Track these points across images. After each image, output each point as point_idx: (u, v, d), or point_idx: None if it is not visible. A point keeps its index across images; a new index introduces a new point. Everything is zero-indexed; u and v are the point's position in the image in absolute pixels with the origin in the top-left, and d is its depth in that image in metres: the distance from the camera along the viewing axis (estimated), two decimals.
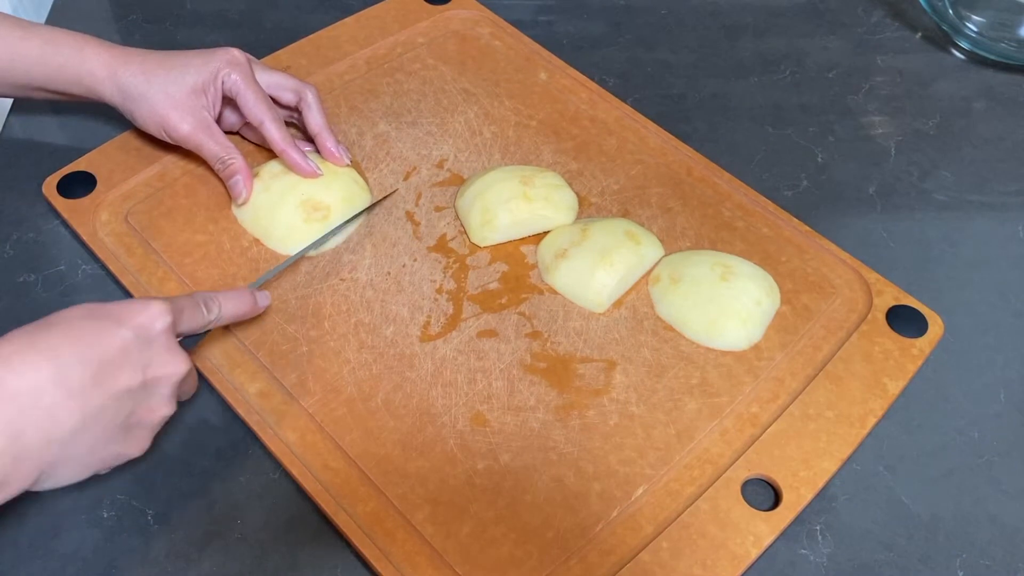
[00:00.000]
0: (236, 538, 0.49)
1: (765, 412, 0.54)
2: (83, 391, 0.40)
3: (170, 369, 0.43)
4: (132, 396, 0.42)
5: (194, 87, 0.59)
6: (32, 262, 0.61)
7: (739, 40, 0.81)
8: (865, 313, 0.59)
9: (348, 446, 0.51)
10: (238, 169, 0.60)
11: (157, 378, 0.43)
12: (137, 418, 0.43)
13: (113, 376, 0.41)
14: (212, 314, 0.49)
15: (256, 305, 0.53)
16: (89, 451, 0.41)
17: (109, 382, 0.41)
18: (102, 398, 0.40)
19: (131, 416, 0.42)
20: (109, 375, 0.41)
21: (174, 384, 0.44)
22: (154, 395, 0.43)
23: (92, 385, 0.40)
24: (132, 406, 0.42)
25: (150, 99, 0.59)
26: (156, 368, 0.43)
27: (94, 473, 0.43)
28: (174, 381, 0.44)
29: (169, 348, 0.44)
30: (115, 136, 0.66)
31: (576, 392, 0.55)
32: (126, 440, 0.43)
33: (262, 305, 0.54)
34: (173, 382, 0.44)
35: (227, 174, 0.60)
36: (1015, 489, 0.54)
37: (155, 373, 0.43)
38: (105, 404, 0.41)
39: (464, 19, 0.77)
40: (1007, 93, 0.77)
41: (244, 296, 0.52)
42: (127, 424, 0.42)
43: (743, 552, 0.48)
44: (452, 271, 0.60)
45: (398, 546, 0.48)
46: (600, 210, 0.64)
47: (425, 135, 0.68)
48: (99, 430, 0.41)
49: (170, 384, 0.44)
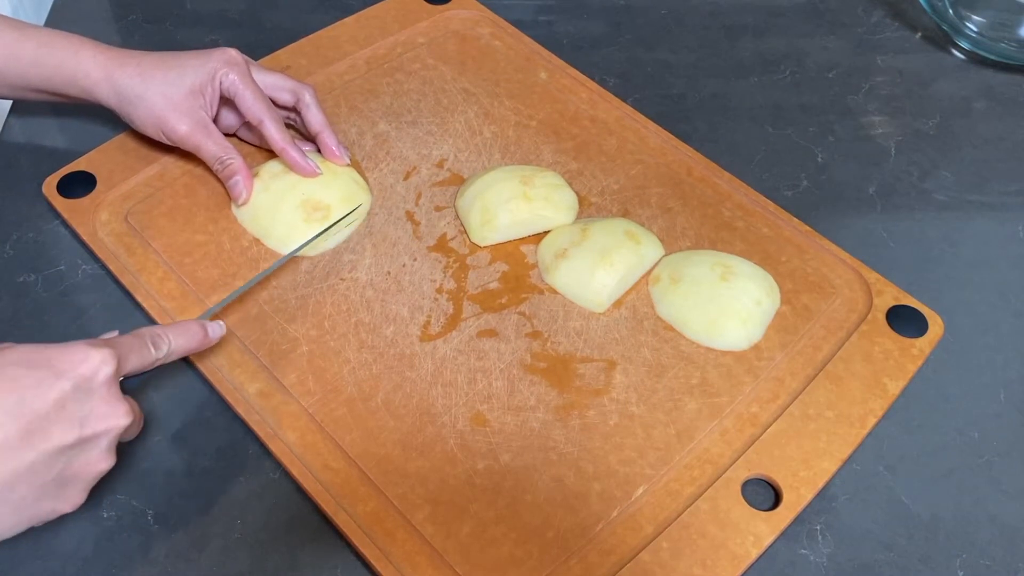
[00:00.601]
0: (236, 538, 0.49)
1: (765, 412, 0.54)
2: (11, 447, 0.38)
3: (110, 423, 0.41)
4: (65, 453, 0.40)
5: (192, 88, 0.59)
6: (32, 262, 0.61)
7: (739, 40, 0.81)
8: (865, 313, 0.59)
9: (348, 446, 0.51)
10: (237, 169, 0.60)
11: (95, 433, 0.41)
12: (72, 473, 0.41)
13: (45, 432, 0.39)
14: (160, 351, 0.47)
15: (207, 337, 0.50)
16: (16, 509, 0.39)
17: (40, 438, 0.39)
18: (32, 455, 0.38)
19: (64, 471, 0.40)
20: (41, 431, 0.39)
21: (113, 438, 0.42)
22: (92, 450, 0.41)
23: (21, 441, 0.38)
24: (65, 462, 0.40)
25: (147, 101, 0.59)
26: (94, 423, 0.41)
27: (24, 528, 0.41)
28: (113, 435, 0.42)
29: (109, 400, 0.41)
30: (115, 136, 0.66)
31: (576, 392, 0.55)
32: (58, 496, 0.41)
33: (214, 336, 0.51)
34: (112, 436, 0.42)
35: (226, 175, 0.60)
36: (1015, 489, 0.54)
37: (93, 428, 0.40)
38: (35, 461, 0.39)
39: (464, 19, 0.77)
40: (1007, 93, 0.77)
41: (193, 329, 0.49)
42: (60, 479, 0.40)
43: (743, 552, 0.48)
44: (452, 271, 0.60)
45: (398, 546, 0.48)
46: (600, 210, 0.64)
47: (425, 135, 0.68)
48: (27, 488, 0.39)
49: (108, 438, 0.42)
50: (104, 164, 0.64)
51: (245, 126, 0.65)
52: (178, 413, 0.54)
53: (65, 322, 0.58)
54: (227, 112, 0.64)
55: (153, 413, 0.54)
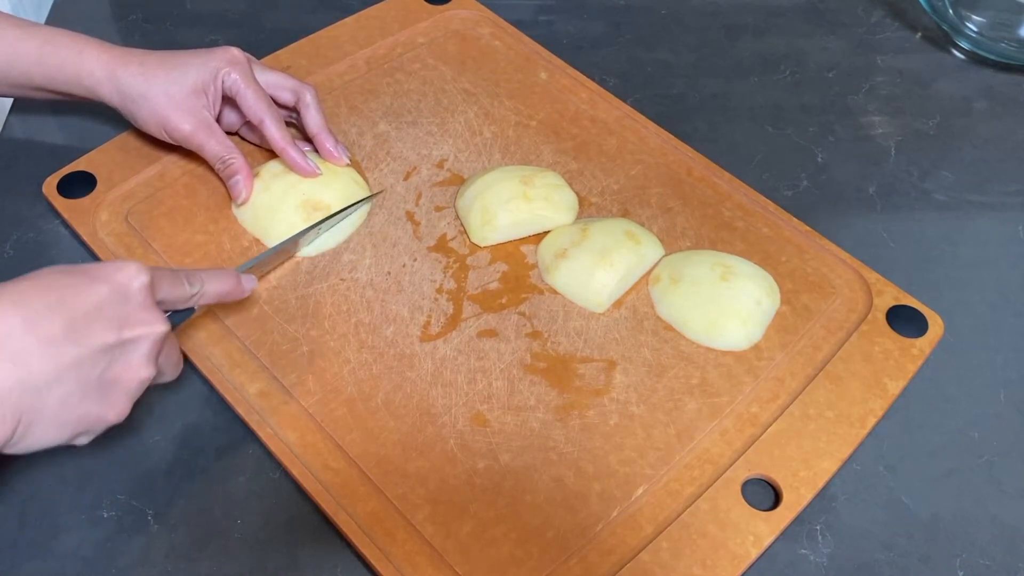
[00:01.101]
0: (236, 538, 0.49)
1: (765, 412, 0.54)
2: (55, 340, 0.39)
3: (147, 328, 0.42)
4: (108, 352, 0.41)
5: (194, 87, 0.59)
6: (32, 262, 0.61)
7: (739, 40, 0.81)
8: (865, 313, 0.59)
9: (348, 446, 0.51)
10: (238, 169, 0.60)
11: (135, 336, 0.42)
12: (114, 376, 0.42)
13: (87, 329, 0.40)
14: (194, 287, 0.48)
15: (240, 286, 0.51)
16: (63, 406, 0.40)
17: (83, 334, 0.40)
18: (76, 349, 0.39)
19: (107, 372, 0.41)
20: (83, 327, 0.40)
21: (152, 344, 0.43)
22: (132, 354, 0.42)
23: (65, 335, 0.39)
24: (108, 362, 0.41)
25: (150, 100, 0.59)
26: (133, 326, 0.42)
27: (74, 435, 0.42)
28: (152, 340, 0.43)
29: (146, 307, 0.42)
30: (115, 136, 0.66)
31: (576, 392, 0.55)
32: (103, 400, 0.42)
33: (247, 287, 0.52)
34: (151, 341, 0.43)
35: (227, 173, 0.60)
36: (1015, 489, 0.54)
37: (132, 331, 0.42)
38: (79, 356, 0.40)
39: (464, 19, 0.77)
40: (1007, 93, 0.77)
41: (228, 275, 0.51)
42: (103, 382, 0.41)
43: (743, 552, 0.48)
44: (452, 271, 0.60)
45: (398, 546, 0.48)
46: (600, 210, 0.64)
47: (425, 135, 0.68)
48: (73, 384, 0.40)
49: (148, 343, 0.43)
50: (104, 164, 0.64)
51: (247, 125, 0.65)
52: (178, 413, 0.54)
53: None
54: (229, 110, 0.64)
55: (153, 413, 0.54)
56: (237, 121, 0.65)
